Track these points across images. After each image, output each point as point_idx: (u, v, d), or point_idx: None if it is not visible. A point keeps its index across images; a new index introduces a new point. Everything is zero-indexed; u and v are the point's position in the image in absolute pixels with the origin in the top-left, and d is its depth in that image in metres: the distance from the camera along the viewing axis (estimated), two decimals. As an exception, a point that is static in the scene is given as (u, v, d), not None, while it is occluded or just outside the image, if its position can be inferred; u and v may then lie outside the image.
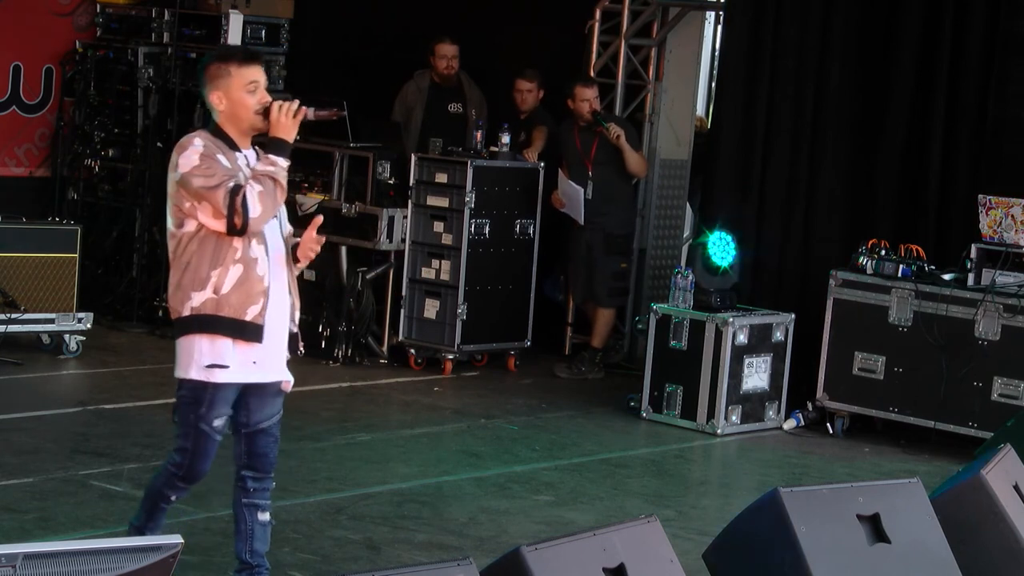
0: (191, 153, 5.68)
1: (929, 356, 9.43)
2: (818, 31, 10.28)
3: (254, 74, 5.81)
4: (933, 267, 9.60)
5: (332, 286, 10.91)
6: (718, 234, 10.09)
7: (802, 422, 9.95)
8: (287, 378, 5.92)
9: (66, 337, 10.30)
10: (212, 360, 5.70)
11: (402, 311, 10.83)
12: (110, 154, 11.99)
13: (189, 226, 5.70)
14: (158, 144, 11.55)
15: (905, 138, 10.06)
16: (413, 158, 10.79)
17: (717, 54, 11.83)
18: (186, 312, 5.71)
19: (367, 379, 10.45)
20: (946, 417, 9.41)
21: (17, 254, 10.10)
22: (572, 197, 10.81)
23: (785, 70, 10.39)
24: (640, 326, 10.37)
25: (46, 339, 10.35)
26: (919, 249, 9.64)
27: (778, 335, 9.87)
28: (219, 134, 5.78)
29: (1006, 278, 9.31)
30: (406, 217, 10.78)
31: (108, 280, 11.73)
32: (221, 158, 5.70)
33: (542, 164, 10.99)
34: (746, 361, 9.71)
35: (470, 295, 10.66)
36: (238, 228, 5.61)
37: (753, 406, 9.80)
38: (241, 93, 5.76)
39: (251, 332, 5.71)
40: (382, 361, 10.93)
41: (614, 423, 9.77)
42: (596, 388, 10.73)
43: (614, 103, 11.63)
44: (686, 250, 11.98)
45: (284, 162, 5.73)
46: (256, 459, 5.92)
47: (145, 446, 8.19)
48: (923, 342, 9.45)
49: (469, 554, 5.35)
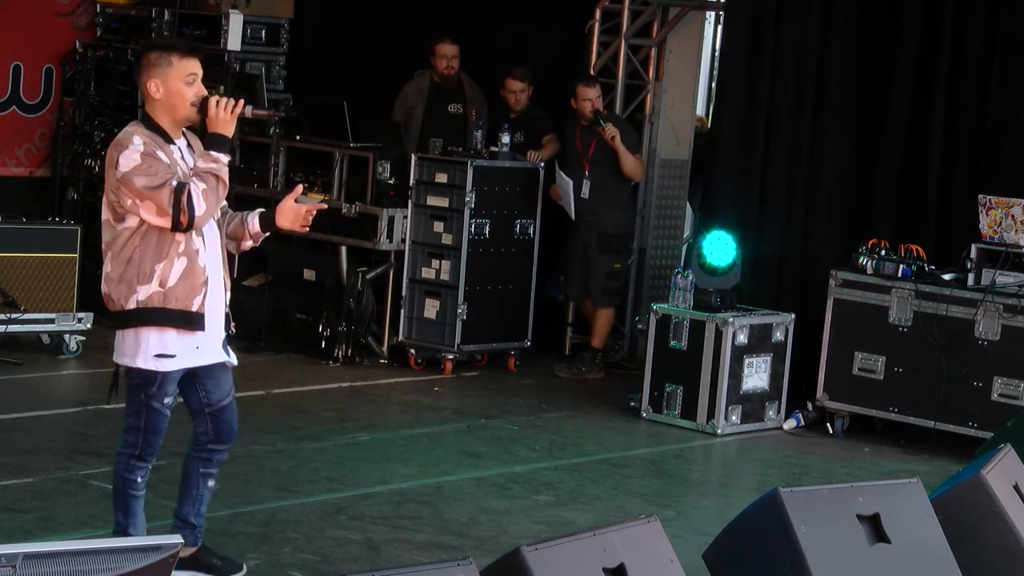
0: (132, 152, 5.76)
1: (929, 356, 9.43)
2: (818, 31, 10.28)
3: (194, 67, 5.89)
4: (933, 267, 9.60)
5: (332, 286, 10.92)
6: (715, 234, 10.09)
7: (802, 422, 9.95)
8: (230, 359, 6.14)
9: (66, 337, 10.31)
10: (159, 350, 5.89)
11: (402, 311, 10.83)
12: (110, 154, 11.98)
13: (130, 221, 5.82)
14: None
15: (905, 138, 10.05)
16: (413, 158, 10.79)
17: (717, 54, 11.83)
18: (131, 305, 5.85)
19: (367, 379, 10.45)
20: (946, 417, 9.41)
21: (17, 254, 10.10)
22: (563, 189, 10.85)
23: (785, 70, 10.39)
24: (640, 326, 10.37)
25: (46, 339, 10.35)
26: (919, 249, 9.64)
27: (778, 335, 9.87)
28: (152, 126, 5.87)
29: (1006, 278, 9.31)
30: (406, 217, 10.78)
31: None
32: (161, 155, 5.80)
33: (542, 164, 11.00)
34: (746, 361, 9.71)
35: (470, 295, 10.67)
36: (183, 226, 5.75)
37: (753, 406, 9.80)
38: (179, 84, 5.86)
39: (196, 321, 5.90)
40: (382, 361, 10.93)
41: (614, 423, 9.78)
42: (596, 388, 10.73)
43: (614, 103, 11.63)
44: (685, 250, 11.98)
45: (225, 158, 5.85)
46: (223, 432, 6.21)
47: (145, 446, 8.19)
48: (923, 342, 9.45)
49: (469, 554, 5.35)
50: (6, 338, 9.93)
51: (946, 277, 9.49)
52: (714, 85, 12.24)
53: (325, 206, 6.15)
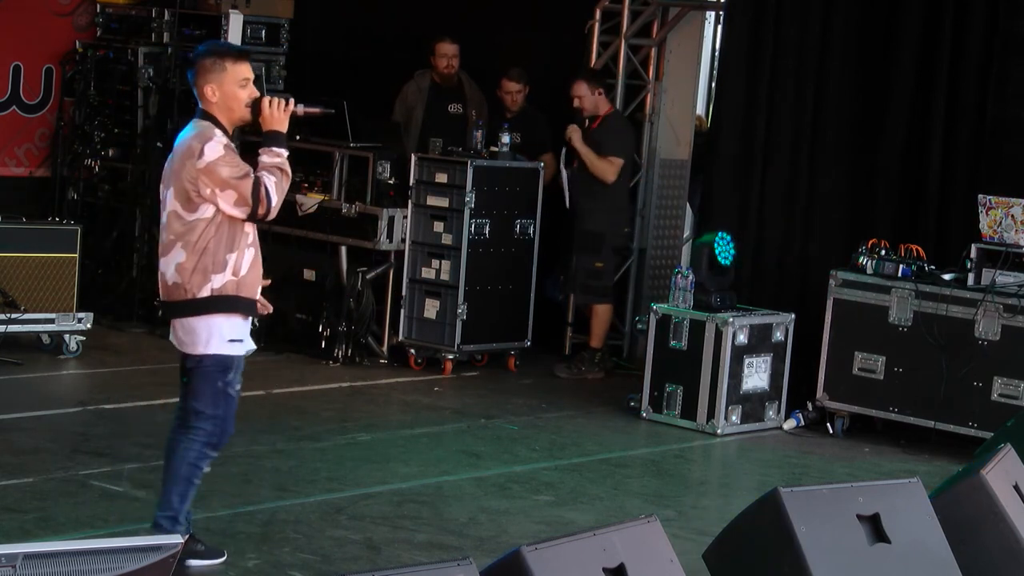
0: (216, 143, 6.09)
1: (929, 356, 9.43)
2: (818, 31, 10.28)
3: (246, 71, 6.23)
4: (933, 267, 9.60)
5: (332, 286, 10.92)
6: (721, 232, 10.09)
7: (802, 422, 9.95)
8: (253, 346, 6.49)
9: (66, 337, 10.31)
10: (232, 335, 6.18)
11: (402, 311, 10.83)
12: (110, 154, 11.99)
13: (205, 212, 6.10)
14: (158, 144, 11.55)
15: (905, 138, 10.06)
16: (413, 158, 10.79)
17: (717, 54, 11.82)
18: (204, 293, 6.12)
19: (367, 379, 10.45)
20: (946, 417, 9.41)
21: (17, 254, 10.10)
22: (565, 182, 10.94)
23: (785, 70, 10.40)
24: (640, 326, 10.37)
25: (46, 339, 10.35)
26: (919, 249, 9.64)
27: (778, 335, 9.87)
28: (216, 123, 6.19)
29: (1006, 278, 9.31)
30: (406, 217, 10.78)
31: (108, 280, 11.72)
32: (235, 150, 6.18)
33: (542, 164, 11.01)
34: (746, 361, 9.71)
35: (470, 295, 10.67)
36: (260, 216, 6.11)
37: (753, 406, 9.80)
38: (234, 87, 6.19)
39: (255, 308, 6.29)
40: (382, 361, 10.93)
41: (614, 423, 9.78)
42: (596, 388, 10.73)
43: (614, 103, 11.63)
44: (687, 249, 11.98)
45: (285, 151, 6.18)
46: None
47: (145, 446, 8.19)
48: (923, 342, 9.45)
49: (469, 554, 5.35)
50: (6, 338, 9.93)
51: (946, 277, 9.50)
52: (714, 85, 12.23)
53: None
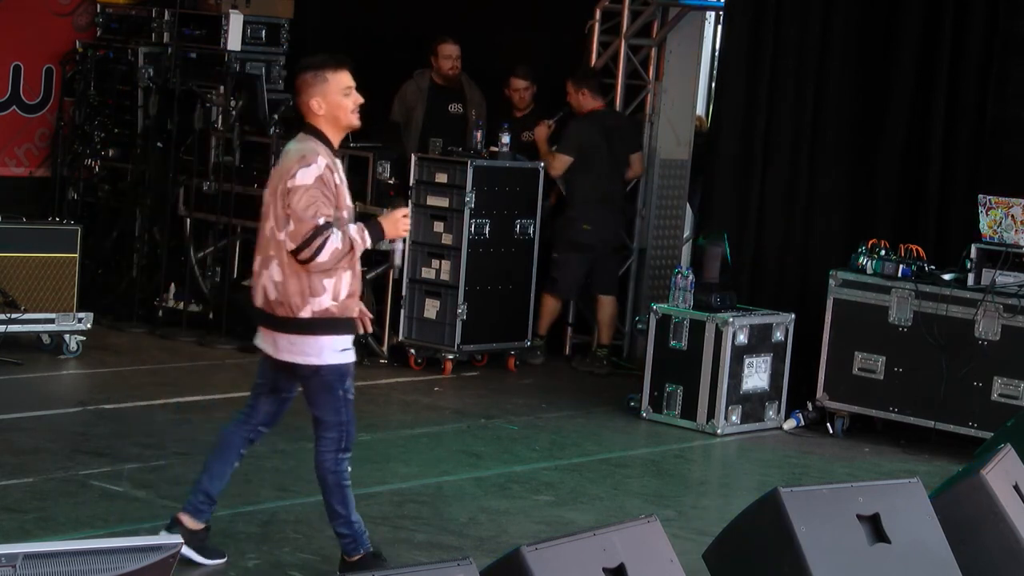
0: (313, 170, 6.19)
1: (929, 356, 9.43)
2: (818, 31, 10.28)
3: (348, 79, 6.39)
4: (933, 267, 9.60)
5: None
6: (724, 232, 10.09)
7: (802, 422, 9.95)
8: None
9: (66, 337, 10.31)
10: (343, 345, 6.29)
11: (402, 311, 10.83)
12: (110, 154, 12.00)
13: None
14: (158, 144, 11.56)
15: (905, 138, 10.06)
16: (413, 158, 10.80)
17: (717, 54, 11.83)
18: (306, 315, 6.22)
19: (367, 379, 10.44)
20: (946, 417, 9.41)
21: (17, 254, 10.10)
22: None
23: (785, 70, 10.39)
24: (640, 326, 10.37)
25: (46, 339, 10.35)
26: (919, 249, 9.64)
27: (778, 335, 9.87)
28: (321, 138, 6.30)
29: (1006, 278, 9.31)
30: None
31: (108, 280, 11.73)
32: (335, 178, 6.24)
33: (542, 164, 11.02)
34: (746, 361, 9.71)
35: (470, 295, 10.67)
36: (301, 258, 6.13)
37: (753, 406, 9.80)
38: (339, 97, 6.34)
39: (354, 326, 6.36)
40: (382, 361, 10.93)
41: (614, 423, 9.78)
42: (596, 388, 10.73)
43: (614, 103, 11.64)
44: (687, 249, 11.99)
45: (370, 244, 6.30)
46: (275, 419, 6.57)
47: (145, 446, 8.20)
48: (923, 342, 9.45)
49: (469, 554, 5.35)
50: (6, 338, 9.93)
51: (946, 277, 9.49)
52: (714, 85, 12.24)
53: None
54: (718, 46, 11.62)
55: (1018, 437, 6.54)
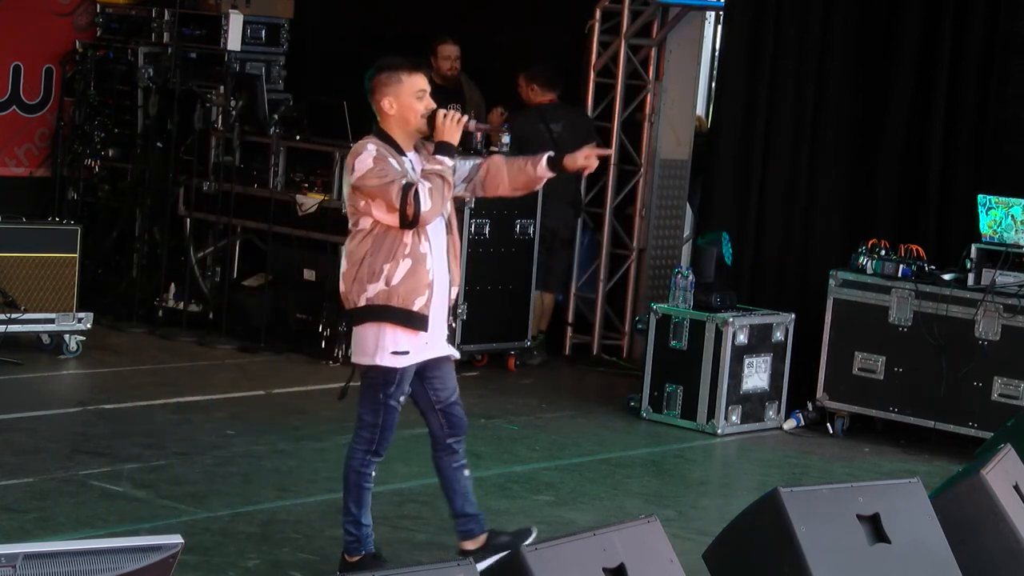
0: (365, 157, 6.25)
1: (929, 356, 9.43)
2: (818, 31, 10.28)
3: (422, 83, 6.41)
4: (933, 267, 9.60)
5: (332, 286, 10.88)
6: (724, 232, 10.09)
7: (802, 422, 9.95)
8: (454, 352, 6.63)
9: (66, 337, 10.30)
10: (395, 347, 6.30)
11: (402, 311, 10.81)
12: (110, 154, 11.99)
13: (364, 224, 6.28)
14: (158, 144, 11.56)
15: (905, 138, 10.05)
16: (413, 158, 10.78)
17: (717, 54, 11.82)
18: (361, 303, 6.29)
19: (367, 379, 10.43)
20: (946, 417, 9.41)
21: (17, 254, 10.09)
22: None
23: (785, 70, 10.39)
24: (640, 326, 10.37)
25: (46, 339, 10.34)
26: (919, 249, 9.63)
27: (778, 335, 9.87)
28: (386, 139, 6.34)
29: (1006, 278, 9.31)
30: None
31: (108, 280, 11.72)
32: (392, 161, 6.25)
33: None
34: (746, 361, 9.71)
35: (470, 295, 10.67)
36: (410, 219, 6.17)
37: (753, 406, 9.80)
38: (411, 99, 6.37)
39: (418, 321, 6.30)
40: (382, 361, 10.91)
41: (614, 423, 9.77)
42: (596, 388, 10.74)
43: (614, 103, 11.64)
44: (687, 249, 11.98)
45: (450, 161, 6.31)
46: (456, 427, 6.61)
47: (145, 446, 8.19)
48: (923, 342, 9.45)
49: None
50: (6, 338, 9.93)
51: (946, 277, 9.49)
52: (714, 85, 12.24)
53: (610, 151, 6.60)
54: (718, 46, 11.61)
55: (1018, 437, 6.54)
